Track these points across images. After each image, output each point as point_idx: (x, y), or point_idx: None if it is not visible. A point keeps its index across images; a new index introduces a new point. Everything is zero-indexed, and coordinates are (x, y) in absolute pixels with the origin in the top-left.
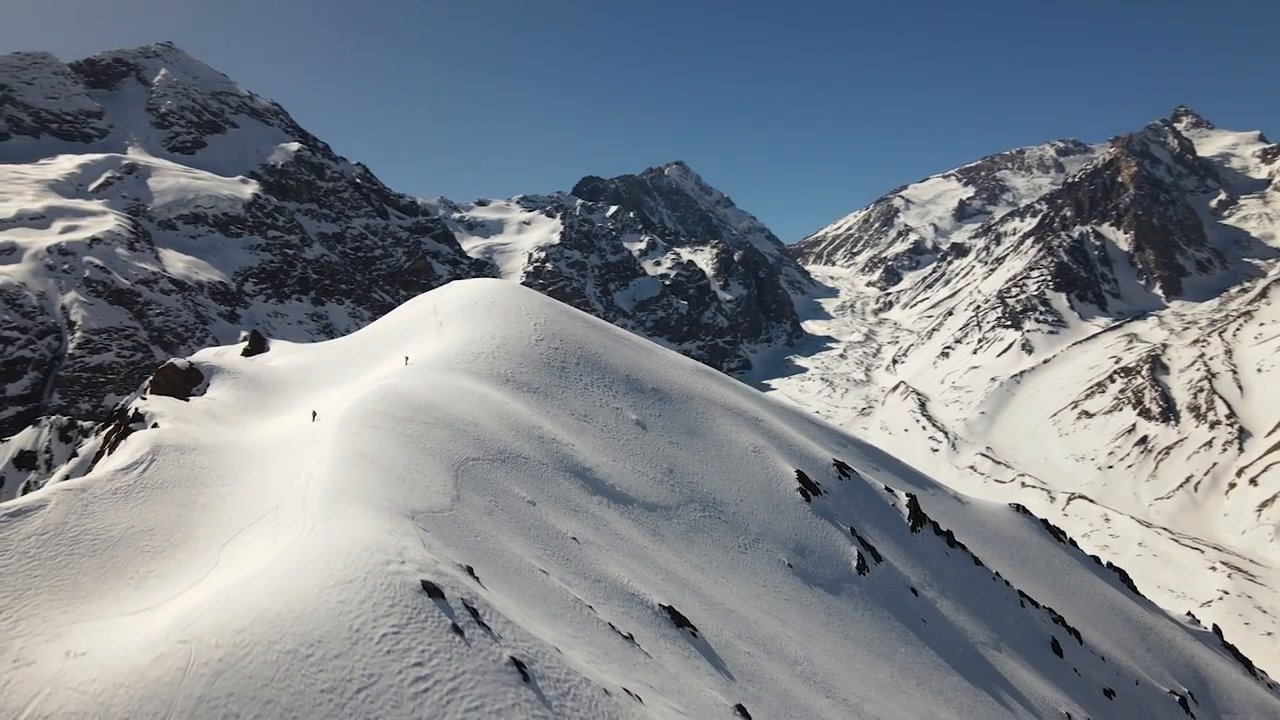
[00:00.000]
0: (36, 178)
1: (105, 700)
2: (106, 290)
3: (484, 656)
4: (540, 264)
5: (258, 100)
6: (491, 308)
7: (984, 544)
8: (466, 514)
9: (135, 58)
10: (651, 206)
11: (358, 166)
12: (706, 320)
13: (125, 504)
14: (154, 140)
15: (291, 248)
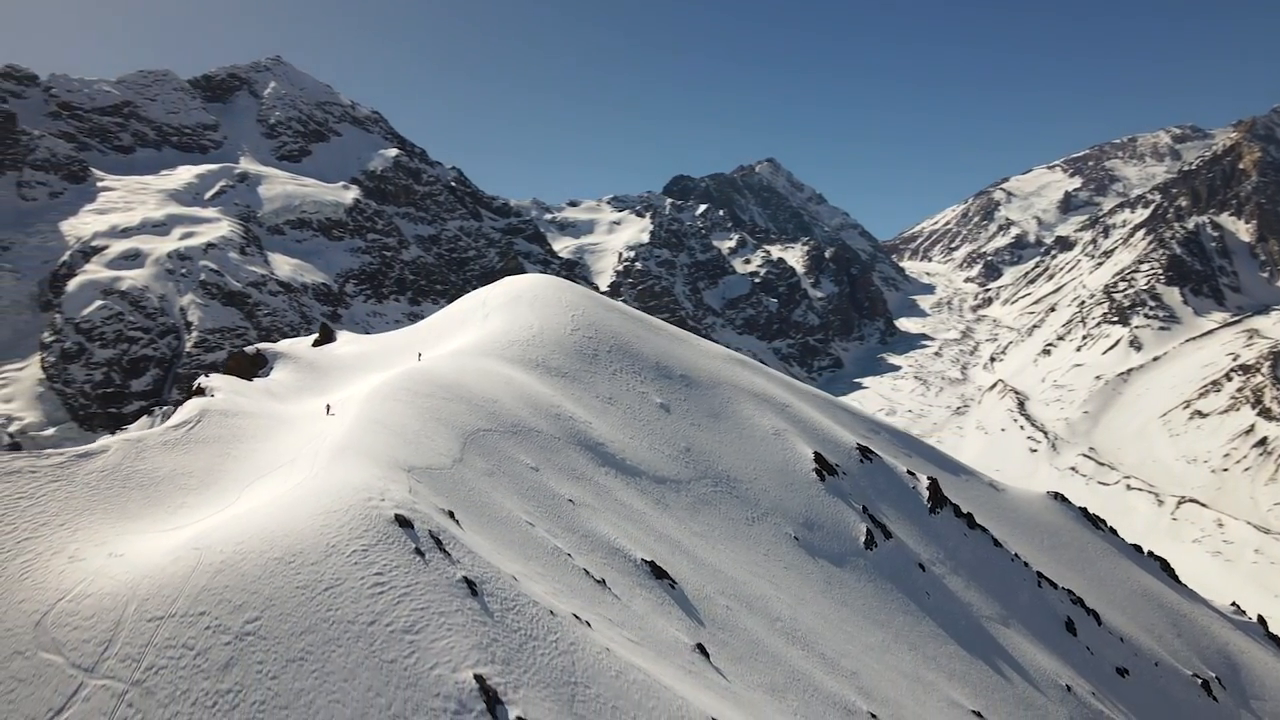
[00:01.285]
0: (158, 188)
1: (133, 585)
2: (220, 292)
3: (438, 574)
4: (630, 263)
5: (359, 109)
6: (534, 301)
7: (1013, 528)
8: (465, 473)
9: (247, 72)
10: (742, 205)
11: (453, 170)
12: (797, 318)
13: (171, 452)
14: (264, 150)
15: (390, 250)
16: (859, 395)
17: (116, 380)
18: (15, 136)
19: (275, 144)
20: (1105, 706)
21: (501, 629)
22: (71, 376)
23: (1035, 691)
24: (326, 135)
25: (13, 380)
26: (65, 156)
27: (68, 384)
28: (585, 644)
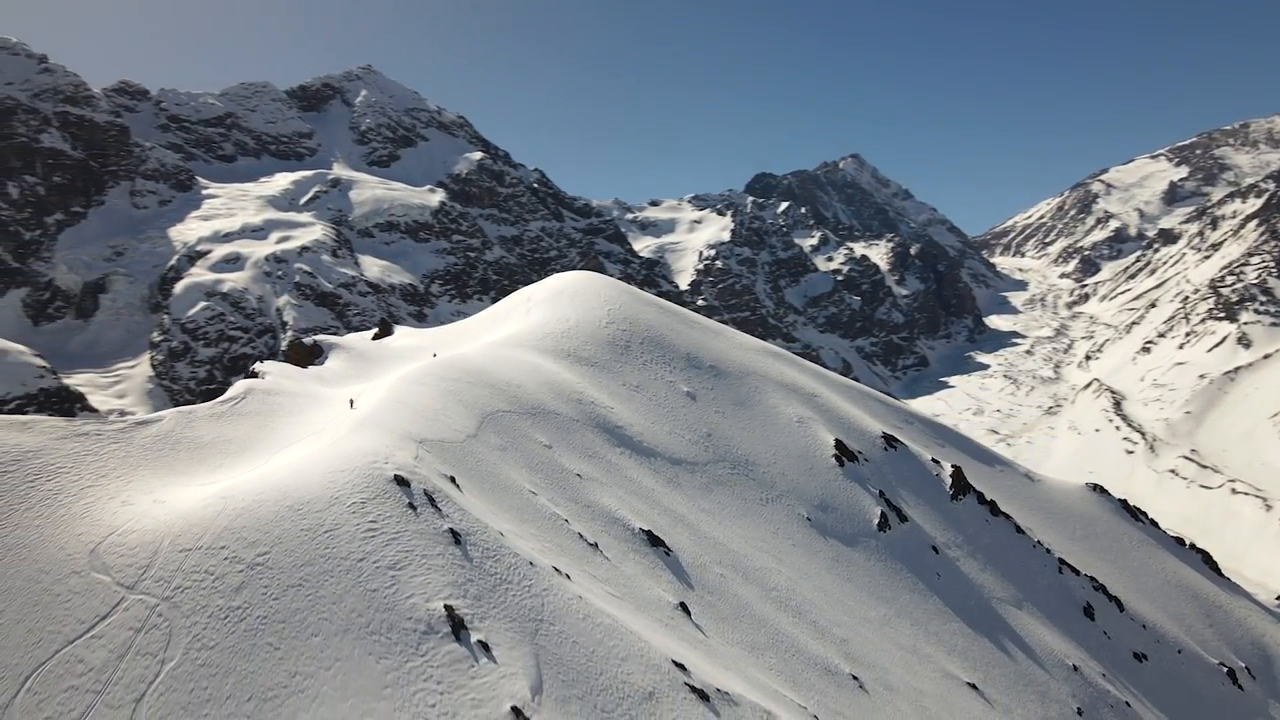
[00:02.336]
0: (257, 194)
1: (170, 524)
2: (313, 293)
3: (426, 525)
4: (710, 262)
5: (445, 114)
6: (574, 296)
7: (1043, 517)
8: (476, 447)
9: (340, 81)
10: (825, 202)
11: (535, 172)
12: (881, 316)
13: (216, 423)
14: (355, 156)
15: (474, 251)
16: (945, 394)
17: (218, 377)
18: (129, 148)
19: (366, 150)
20: (1114, 687)
21: (478, 572)
22: (178, 374)
23: (1038, 669)
24: (414, 140)
25: (126, 377)
26: (173, 166)
27: (174, 381)
28: (558, 590)
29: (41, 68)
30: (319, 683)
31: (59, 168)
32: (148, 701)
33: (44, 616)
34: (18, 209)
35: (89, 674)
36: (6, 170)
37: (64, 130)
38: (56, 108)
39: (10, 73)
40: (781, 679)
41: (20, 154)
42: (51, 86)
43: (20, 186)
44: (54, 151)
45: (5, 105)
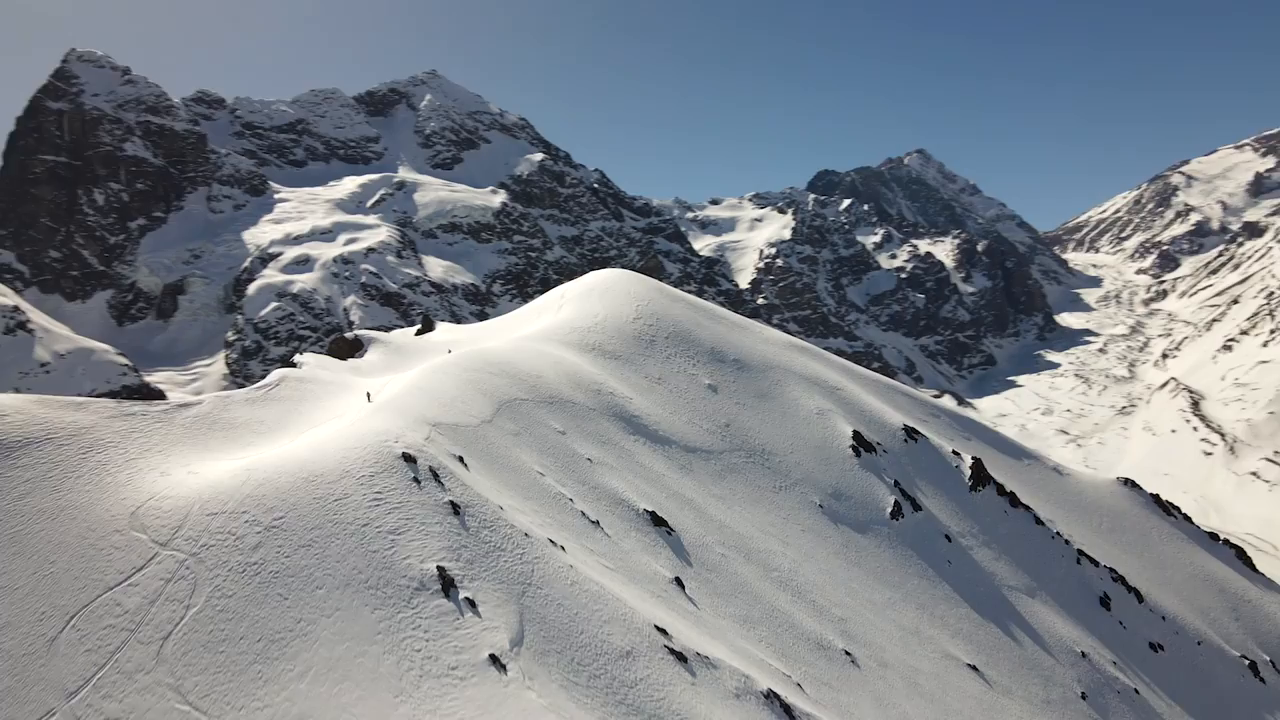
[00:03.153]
0: (326, 198)
1: (200, 492)
2: (379, 293)
3: (428, 497)
4: (770, 260)
5: (507, 116)
6: (604, 293)
7: (1069, 510)
8: (490, 431)
9: (405, 87)
10: (889, 198)
11: (595, 172)
12: (946, 314)
13: (251, 406)
14: (420, 159)
15: (534, 251)
16: (1013, 394)
17: None
18: (206, 155)
19: (430, 153)
20: (1124, 674)
21: (473, 539)
22: (250, 371)
23: (1045, 654)
24: (477, 143)
25: (202, 375)
26: (247, 172)
27: (247, 378)
28: (550, 559)
29: (125, 80)
30: (320, 628)
31: (141, 175)
32: (174, 639)
33: (89, 566)
34: (103, 215)
35: (124, 615)
36: (93, 178)
37: (146, 139)
38: (139, 117)
39: (97, 85)
40: (771, 650)
41: (106, 162)
42: (135, 97)
43: (106, 193)
44: (137, 159)
45: (92, 116)
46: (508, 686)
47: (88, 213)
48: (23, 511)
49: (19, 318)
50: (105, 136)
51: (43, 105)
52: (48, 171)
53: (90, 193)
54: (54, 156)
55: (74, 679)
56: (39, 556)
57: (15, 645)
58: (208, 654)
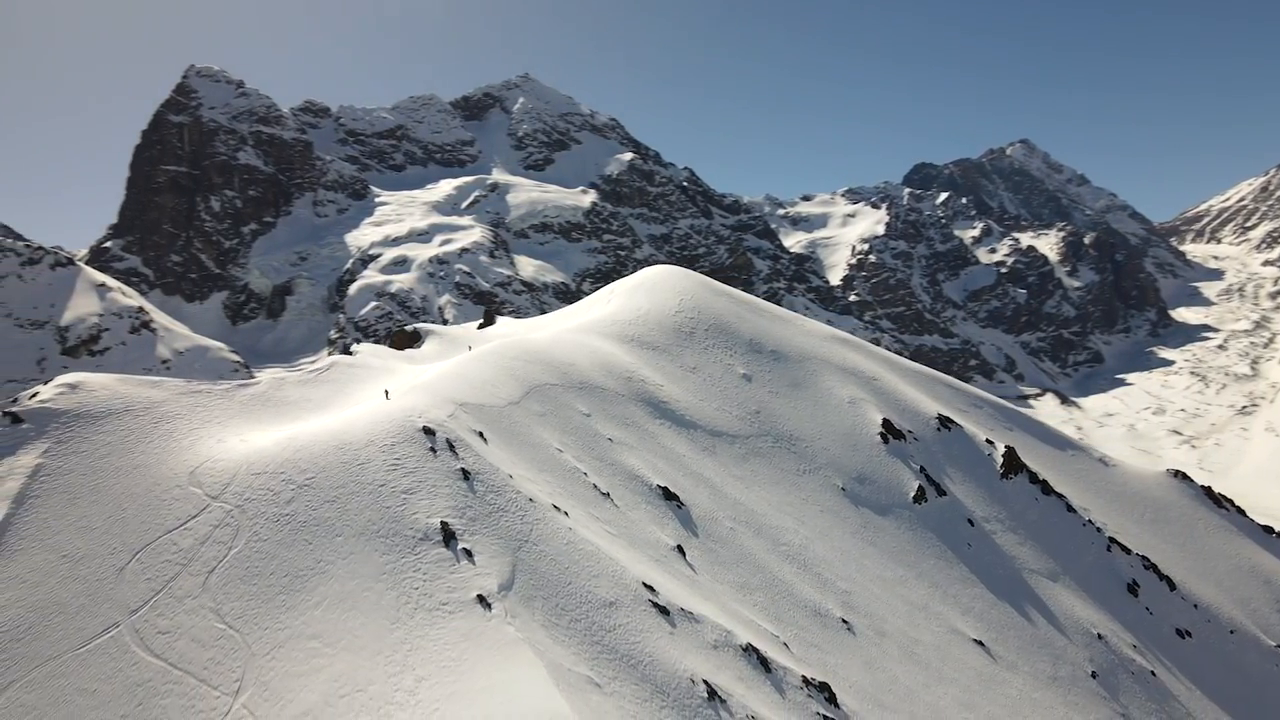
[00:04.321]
0: (423, 200)
1: (248, 455)
2: (472, 292)
3: (442, 464)
4: (863, 256)
5: (597, 117)
6: (653, 288)
7: (1108, 500)
8: (515, 412)
9: (499, 90)
10: (990, 191)
11: (685, 170)
12: (1049, 310)
13: (302, 387)
14: (513, 161)
15: (624, 249)
16: (1121, 393)
17: None
18: (312, 162)
19: (522, 155)
20: (1142, 658)
21: (478, 501)
22: None
23: (1058, 635)
24: (568, 144)
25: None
26: (350, 177)
27: None
28: (550, 521)
29: (239, 92)
30: (336, 568)
31: (253, 182)
32: (217, 573)
33: (153, 513)
34: (219, 220)
35: (179, 553)
36: (210, 186)
37: (257, 148)
38: (251, 128)
39: (213, 98)
40: (764, 614)
41: (221, 171)
42: (247, 109)
43: (221, 200)
44: (249, 168)
45: (209, 128)
46: (489, 621)
47: (205, 219)
48: (103, 468)
49: (143, 318)
50: (221, 147)
51: (165, 119)
52: (169, 181)
53: (207, 200)
54: (175, 167)
55: (135, 600)
56: (114, 504)
57: (91, 572)
58: (243, 585)
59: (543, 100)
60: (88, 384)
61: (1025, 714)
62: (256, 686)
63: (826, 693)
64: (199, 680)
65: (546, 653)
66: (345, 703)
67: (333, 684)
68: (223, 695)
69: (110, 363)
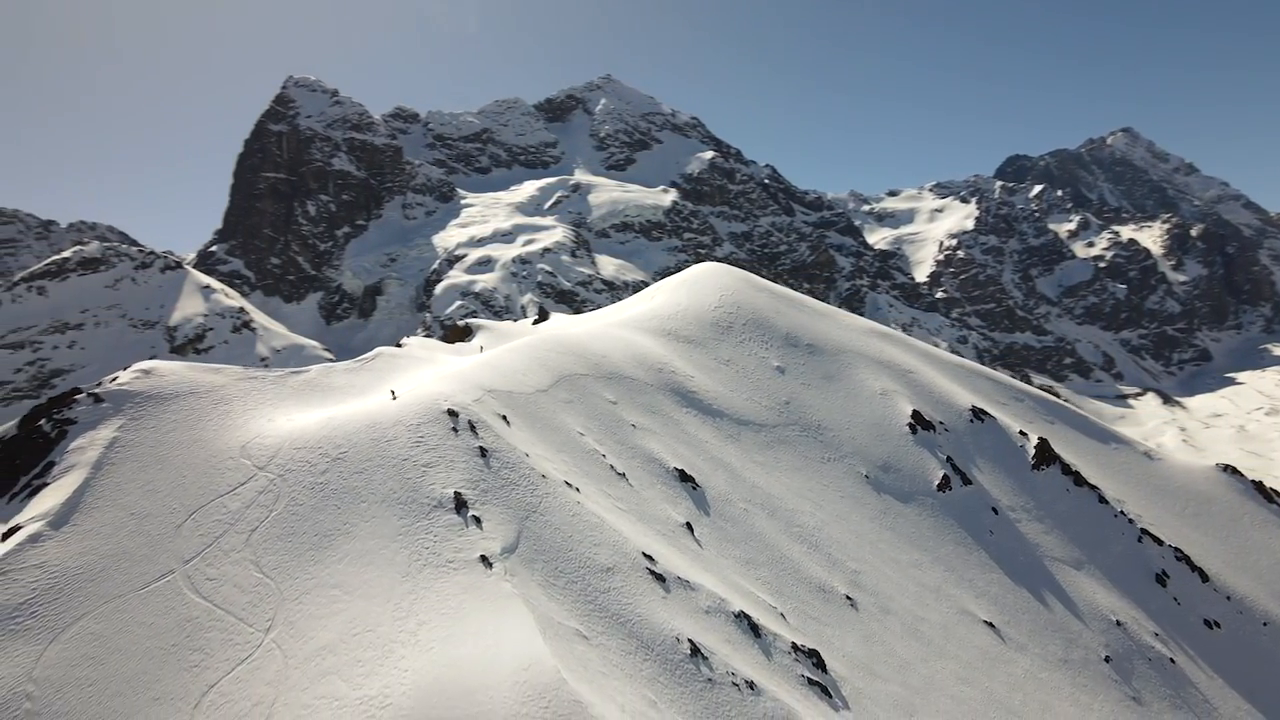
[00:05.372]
0: (507, 201)
1: (292, 432)
2: (554, 291)
3: (461, 442)
4: (951, 252)
5: (679, 116)
6: (694, 284)
7: (1148, 493)
8: (541, 398)
9: (582, 92)
10: (1088, 182)
11: (766, 168)
12: (1151, 306)
13: (348, 375)
14: (594, 161)
15: (704, 248)
16: (1230, 392)
17: None
18: (401, 166)
19: (604, 155)
20: (1164, 645)
21: (492, 476)
22: None
23: (1074, 620)
24: (649, 143)
25: None
26: (438, 180)
27: None
28: (559, 495)
29: (333, 101)
30: (358, 529)
31: (347, 187)
32: (258, 531)
33: (209, 480)
34: (315, 224)
35: (227, 514)
36: (307, 191)
37: (351, 154)
38: (345, 135)
39: (310, 107)
40: (765, 587)
41: (317, 177)
42: (341, 116)
43: (317, 205)
44: (343, 173)
45: (305, 135)
46: (489, 578)
47: (302, 223)
48: (168, 441)
49: (244, 318)
50: (317, 153)
51: (265, 128)
52: (269, 187)
53: (304, 205)
54: (274, 173)
55: (189, 552)
56: (176, 471)
57: (153, 528)
58: (280, 542)
59: (624, 101)
60: (159, 370)
61: (1028, 691)
62: (284, 625)
63: (815, 659)
64: (238, 619)
65: (539, 607)
66: (356, 640)
67: (348, 625)
68: (256, 631)
69: (213, 360)
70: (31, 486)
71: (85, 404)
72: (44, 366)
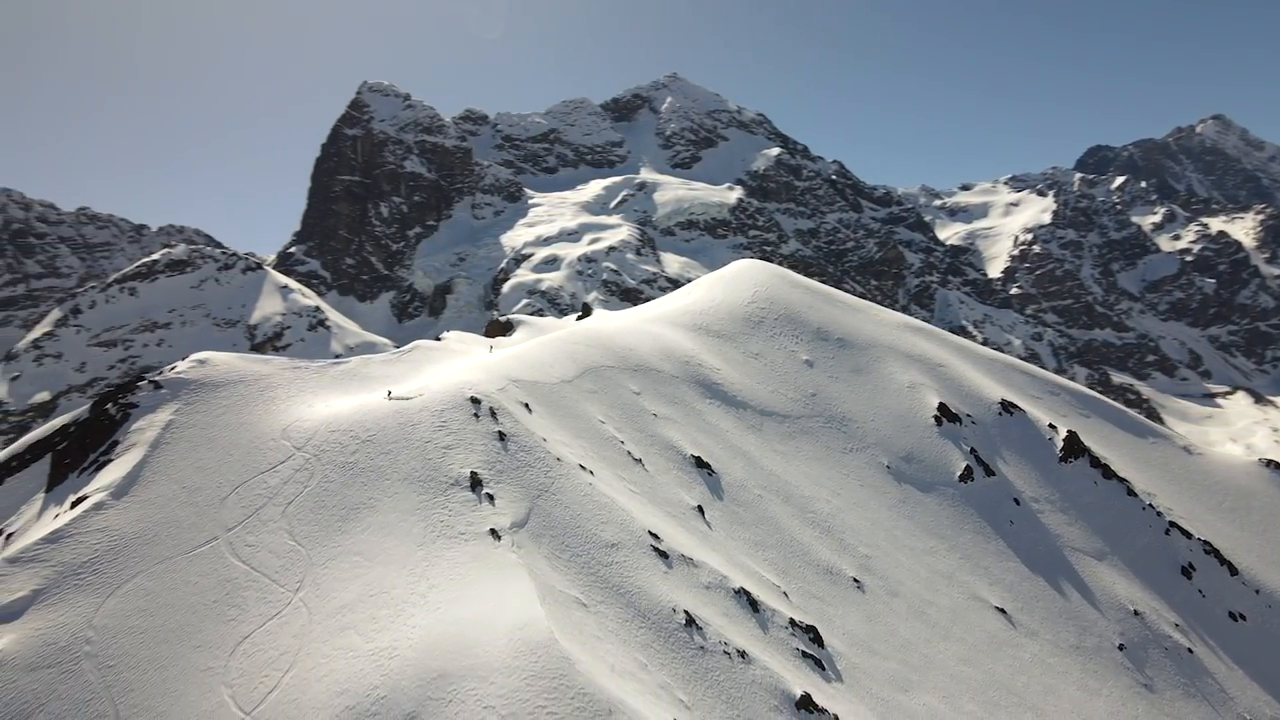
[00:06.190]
0: (574, 201)
1: (328, 417)
2: (618, 289)
3: (482, 427)
4: (1026, 247)
5: (744, 113)
6: (731, 280)
7: (1185, 487)
8: (565, 388)
9: (648, 91)
10: (1175, 173)
11: (834, 164)
12: (1243, 301)
13: (385, 365)
14: (660, 160)
15: (769, 245)
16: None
17: None
18: (471, 167)
19: (670, 154)
20: (1183, 636)
21: (509, 458)
22: None
23: (1090, 608)
24: (715, 141)
25: None
26: (506, 180)
27: None
28: (572, 476)
29: (406, 105)
30: (382, 504)
31: (418, 189)
32: (294, 505)
33: (252, 459)
34: (387, 225)
35: (267, 489)
36: (380, 193)
37: (422, 156)
38: (416, 137)
39: (383, 111)
40: (771, 568)
41: (390, 179)
42: (413, 120)
43: (389, 206)
44: (414, 175)
45: (379, 139)
46: (496, 549)
47: (375, 224)
48: (217, 424)
49: (319, 317)
50: (389, 156)
51: (341, 132)
52: (345, 190)
53: (377, 206)
54: (349, 176)
55: (232, 521)
56: (223, 450)
57: (201, 500)
58: (312, 514)
59: (690, 99)
60: (213, 360)
61: (1033, 675)
62: (311, 586)
63: (812, 634)
64: (271, 580)
65: (542, 577)
66: (373, 600)
67: (366, 587)
68: (286, 591)
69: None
70: (98, 462)
71: (147, 390)
72: (134, 364)
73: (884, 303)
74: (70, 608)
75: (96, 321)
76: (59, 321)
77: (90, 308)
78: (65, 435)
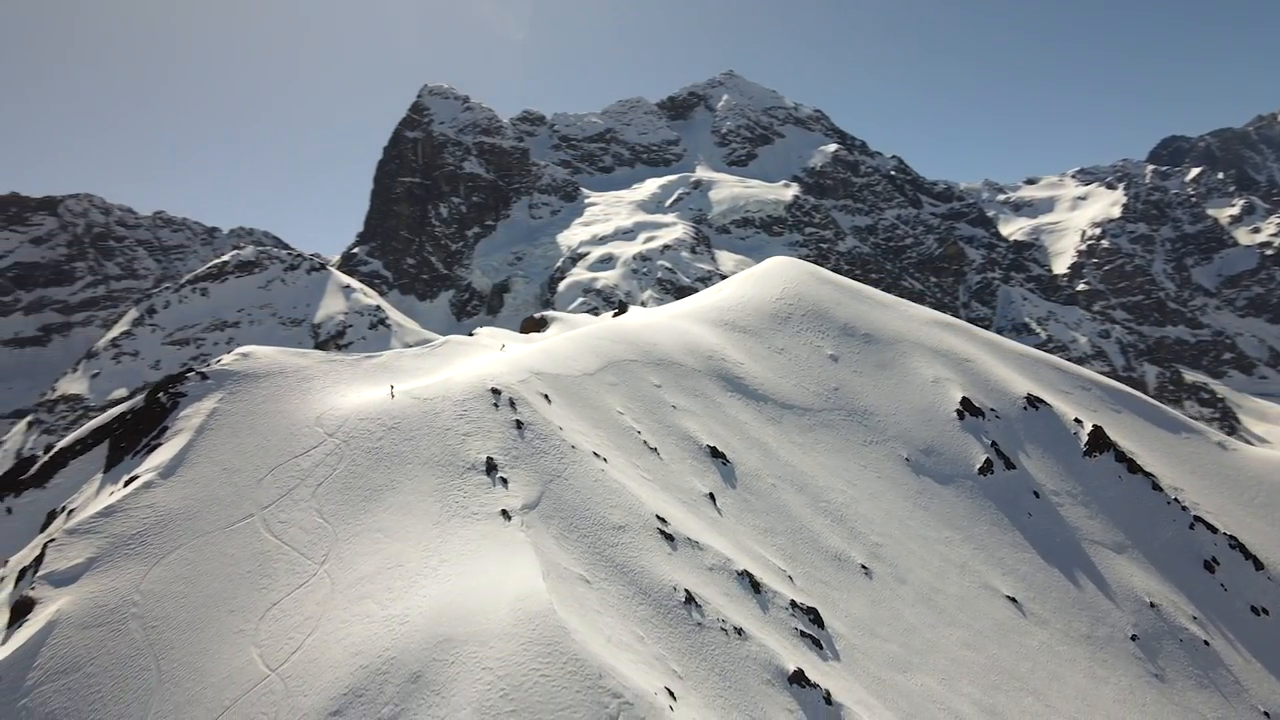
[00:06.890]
0: (629, 199)
1: (358, 406)
2: (673, 287)
3: (500, 416)
4: (1094, 242)
5: (801, 109)
6: (761, 277)
7: (1216, 482)
8: (587, 381)
9: (704, 89)
10: (1256, 163)
11: (892, 159)
12: None
13: (416, 359)
14: (716, 157)
15: (826, 242)
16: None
17: None
18: (528, 168)
19: (725, 151)
20: (1201, 629)
21: (525, 445)
22: None
23: (1104, 599)
24: (771, 138)
25: None
26: (563, 180)
27: None
28: (585, 463)
29: (465, 107)
30: (403, 485)
31: (477, 189)
32: (323, 486)
33: (288, 443)
34: (447, 225)
35: (300, 471)
36: (439, 194)
37: (480, 157)
38: (475, 139)
39: (443, 114)
40: (779, 554)
41: (449, 180)
42: (472, 122)
43: (449, 207)
44: (473, 176)
45: (439, 141)
46: (506, 528)
47: (435, 225)
48: (258, 412)
49: (380, 315)
50: (449, 158)
51: (402, 135)
52: (406, 191)
53: (437, 207)
54: (410, 178)
55: (267, 500)
56: (262, 436)
57: (240, 480)
58: (339, 494)
59: (746, 96)
60: (256, 353)
61: (1039, 661)
62: (335, 559)
63: (813, 615)
64: (300, 554)
65: (548, 555)
66: (390, 572)
67: (384, 561)
68: (312, 564)
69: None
70: (149, 446)
71: (194, 380)
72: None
73: (944, 300)
74: (120, 574)
75: (170, 321)
76: (135, 321)
77: (165, 308)
78: (122, 422)
